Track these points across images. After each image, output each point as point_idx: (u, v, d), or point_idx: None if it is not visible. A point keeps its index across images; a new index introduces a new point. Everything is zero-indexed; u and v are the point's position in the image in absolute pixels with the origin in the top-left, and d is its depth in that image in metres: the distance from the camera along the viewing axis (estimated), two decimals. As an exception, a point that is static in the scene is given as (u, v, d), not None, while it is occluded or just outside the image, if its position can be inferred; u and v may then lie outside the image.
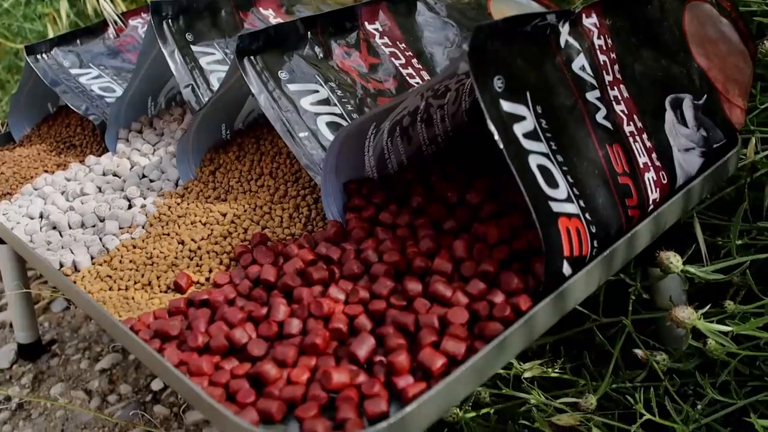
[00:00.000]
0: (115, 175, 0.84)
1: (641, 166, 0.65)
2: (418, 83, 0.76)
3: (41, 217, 0.80)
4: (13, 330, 1.15)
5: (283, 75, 0.69)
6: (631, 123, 0.66)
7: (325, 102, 0.69)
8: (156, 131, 0.90)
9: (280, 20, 0.92)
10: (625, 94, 0.67)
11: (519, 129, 0.54)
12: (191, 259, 0.66)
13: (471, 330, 0.53)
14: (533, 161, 0.54)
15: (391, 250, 0.59)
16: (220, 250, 0.66)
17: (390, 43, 0.78)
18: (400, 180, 0.68)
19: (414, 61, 0.78)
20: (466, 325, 0.53)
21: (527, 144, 0.54)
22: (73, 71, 0.97)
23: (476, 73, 0.52)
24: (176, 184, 0.79)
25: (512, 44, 0.56)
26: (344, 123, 0.69)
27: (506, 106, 0.54)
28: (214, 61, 0.84)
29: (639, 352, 0.73)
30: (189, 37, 0.83)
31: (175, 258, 0.67)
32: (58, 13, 1.27)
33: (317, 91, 0.69)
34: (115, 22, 1.01)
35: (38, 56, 0.96)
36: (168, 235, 0.70)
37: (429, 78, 0.77)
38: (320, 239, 0.63)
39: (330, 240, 0.62)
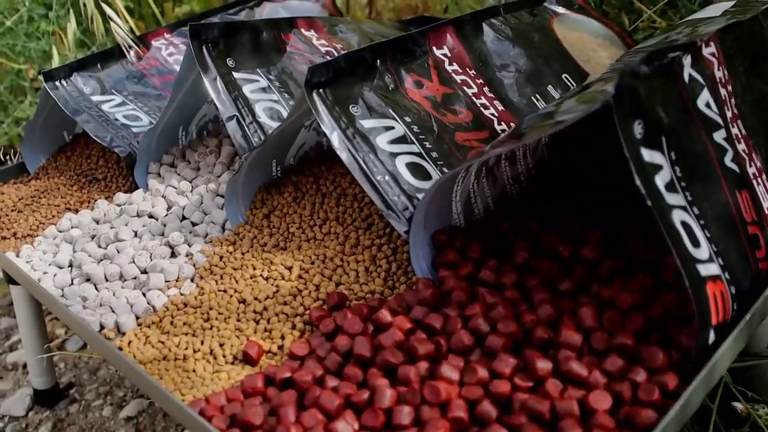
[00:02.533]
0: (151, 216, 0.72)
1: (766, 211, 0.55)
2: (492, 114, 0.66)
3: (71, 266, 0.68)
4: (27, 373, 1.02)
5: (355, 110, 0.58)
6: (752, 163, 0.56)
7: (402, 140, 0.58)
8: (191, 165, 0.78)
9: (323, 42, 0.80)
10: (743, 131, 0.57)
11: (660, 180, 0.44)
12: (257, 323, 0.55)
13: (615, 417, 0.43)
14: (677, 217, 0.44)
15: (506, 318, 0.48)
16: (290, 311, 0.55)
17: (460, 70, 0.67)
18: (494, 228, 0.57)
19: (486, 89, 0.67)
20: (609, 411, 0.43)
21: (669, 198, 0.44)
22: (95, 98, 0.85)
23: (620, 120, 0.42)
24: (223, 228, 0.68)
25: (650, 84, 0.46)
26: (424, 163, 0.58)
27: (646, 154, 0.44)
28: (259, 89, 0.72)
29: (738, 405, 0.63)
30: (230, 63, 0.72)
31: (238, 321, 0.55)
32: (64, 32, 1.14)
33: (393, 128, 0.58)
34: (130, 47, 0.88)
35: (57, 83, 0.84)
36: (225, 291, 0.58)
37: (502, 108, 0.67)
38: (413, 302, 0.52)
39: (426, 303, 0.51)
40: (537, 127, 0.50)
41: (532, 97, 0.70)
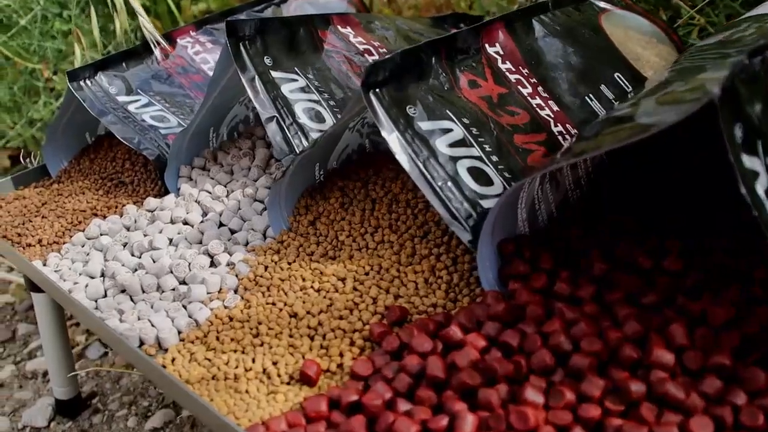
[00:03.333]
0: (186, 223, 0.67)
1: None
2: (548, 116, 0.61)
3: (103, 276, 0.64)
4: (48, 381, 0.98)
5: (412, 111, 0.53)
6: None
7: (462, 143, 0.54)
8: (224, 168, 0.74)
9: (360, 39, 0.76)
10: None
11: (760, 188, 0.40)
12: (312, 339, 0.51)
13: (717, 445, 0.39)
14: (781, 227, 0.40)
15: (589, 336, 0.44)
16: (347, 327, 0.51)
17: (513, 69, 0.63)
18: (562, 237, 0.53)
19: (540, 89, 0.63)
20: (711, 438, 0.39)
21: (770, 206, 0.40)
22: (121, 99, 0.80)
23: (725, 122, 0.38)
24: (264, 236, 0.63)
25: (748, 85, 0.42)
26: (485, 168, 0.54)
27: (747, 161, 0.40)
28: (297, 88, 0.68)
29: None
30: (267, 61, 0.67)
31: (291, 336, 0.51)
32: (82, 31, 1.10)
33: (451, 130, 0.54)
34: (158, 43, 0.84)
35: (81, 83, 0.79)
36: (274, 304, 0.54)
37: (557, 109, 0.63)
38: (484, 317, 0.48)
39: (499, 319, 0.47)
40: (612, 132, 0.46)
41: (586, 97, 0.66)
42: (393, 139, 0.51)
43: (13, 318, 1.15)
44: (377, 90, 0.52)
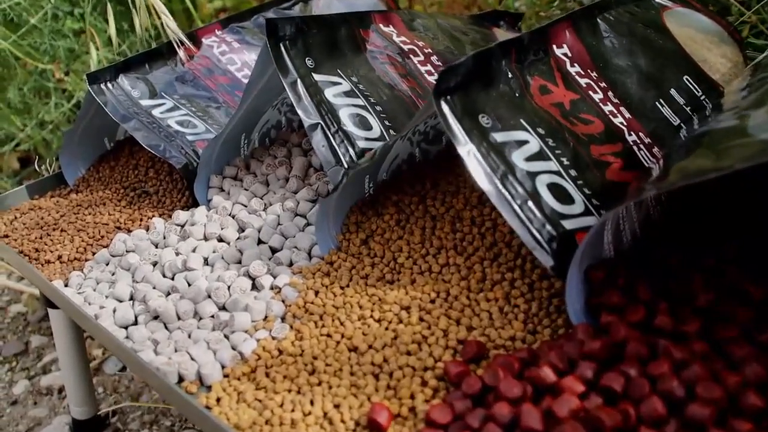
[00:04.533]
0: (221, 240, 0.61)
1: None
2: (622, 123, 0.55)
3: (132, 299, 0.57)
4: (64, 397, 0.91)
5: (485, 121, 0.47)
6: None
7: (539, 156, 0.48)
8: (258, 178, 0.67)
9: (404, 39, 0.69)
10: None
11: None
12: (377, 378, 0.44)
13: None
14: None
15: (705, 380, 0.38)
16: (417, 364, 0.44)
17: (582, 72, 0.56)
18: (657, 261, 0.46)
19: (610, 94, 0.57)
20: None
21: None
22: (144, 103, 0.73)
23: None
24: (309, 255, 0.57)
25: None
26: (565, 183, 0.47)
27: None
28: (341, 92, 0.61)
29: None
30: (309, 63, 0.61)
31: (353, 375, 0.45)
32: (96, 29, 1.02)
33: (527, 142, 0.48)
34: (182, 43, 0.77)
35: (102, 86, 0.72)
36: (330, 336, 0.48)
37: (629, 116, 0.56)
38: (575, 354, 0.41)
39: (595, 357, 0.41)
40: (728, 149, 0.40)
41: (656, 103, 0.59)
42: (467, 153, 0.45)
43: (26, 329, 1.08)
44: (448, 97, 0.46)
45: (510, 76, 0.51)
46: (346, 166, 0.58)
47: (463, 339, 0.45)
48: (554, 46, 0.56)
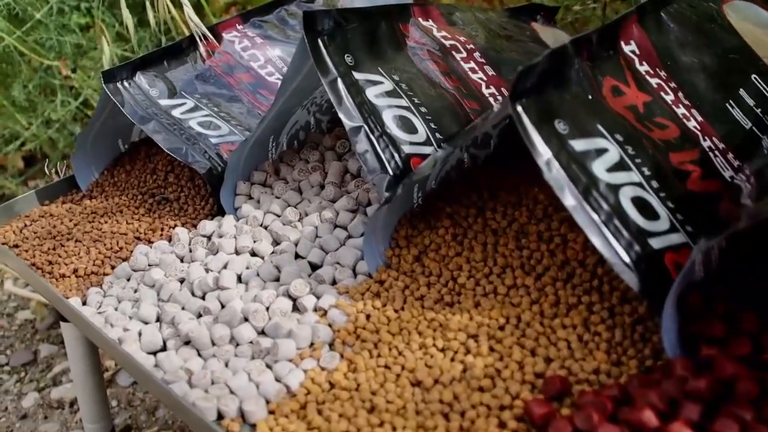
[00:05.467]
0: (254, 254, 0.55)
1: None
2: (695, 128, 0.49)
3: (159, 320, 0.51)
4: (76, 411, 0.86)
5: (561, 127, 0.41)
6: None
7: (620, 166, 0.42)
8: (289, 185, 0.61)
9: (444, 34, 0.63)
10: None
11: None
12: (448, 418, 0.39)
13: None
14: None
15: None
16: (493, 402, 0.38)
17: (652, 71, 0.50)
18: (753, 284, 0.41)
19: (680, 95, 0.51)
20: None
21: None
22: (163, 103, 0.67)
23: None
24: (354, 272, 0.51)
25: None
26: (649, 197, 0.42)
27: None
28: (383, 92, 0.55)
29: None
30: (349, 60, 0.55)
31: (418, 414, 0.39)
32: (105, 24, 0.96)
33: (606, 150, 0.42)
34: (205, 37, 0.71)
35: (118, 84, 0.66)
36: (388, 368, 0.42)
37: (701, 119, 0.51)
38: (676, 393, 0.36)
39: (700, 398, 0.35)
40: None
41: (726, 104, 0.54)
42: (546, 163, 0.39)
43: (34, 337, 1.01)
44: (524, 101, 0.40)
45: (581, 76, 0.45)
46: (391, 173, 0.52)
47: (542, 372, 0.40)
48: (622, 43, 0.50)
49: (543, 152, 0.39)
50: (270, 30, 0.76)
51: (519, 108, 0.39)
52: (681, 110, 0.50)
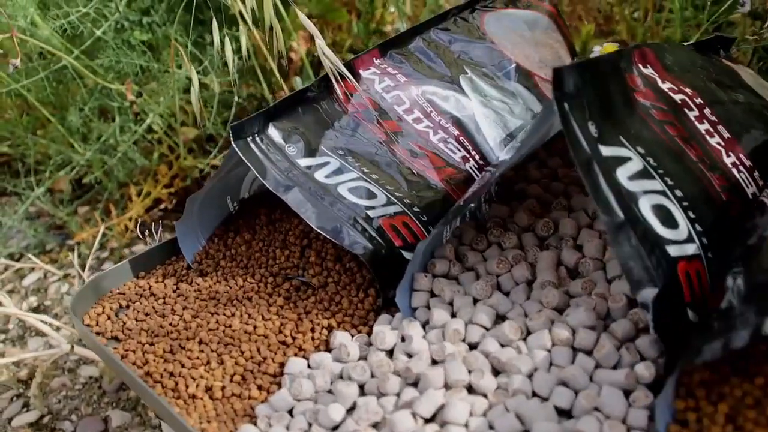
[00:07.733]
0: (471, 390, 0.39)
1: None
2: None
3: (361, 492, 0.36)
4: None
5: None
6: None
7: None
8: (485, 280, 0.45)
9: (670, 86, 0.48)
10: None
11: None
12: None
13: None
14: None
15: None
16: None
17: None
18: None
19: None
20: None
21: None
22: (302, 163, 0.51)
23: None
24: (625, 424, 0.36)
25: None
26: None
27: None
28: (636, 173, 0.40)
29: None
30: (593, 130, 0.39)
31: None
32: (181, 46, 0.79)
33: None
34: (343, 77, 0.55)
35: (249, 140, 0.50)
36: None
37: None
38: None
39: None
40: None
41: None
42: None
43: (102, 400, 0.84)
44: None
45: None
46: (657, 288, 0.37)
47: None
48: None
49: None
50: (411, 64, 0.60)
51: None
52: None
